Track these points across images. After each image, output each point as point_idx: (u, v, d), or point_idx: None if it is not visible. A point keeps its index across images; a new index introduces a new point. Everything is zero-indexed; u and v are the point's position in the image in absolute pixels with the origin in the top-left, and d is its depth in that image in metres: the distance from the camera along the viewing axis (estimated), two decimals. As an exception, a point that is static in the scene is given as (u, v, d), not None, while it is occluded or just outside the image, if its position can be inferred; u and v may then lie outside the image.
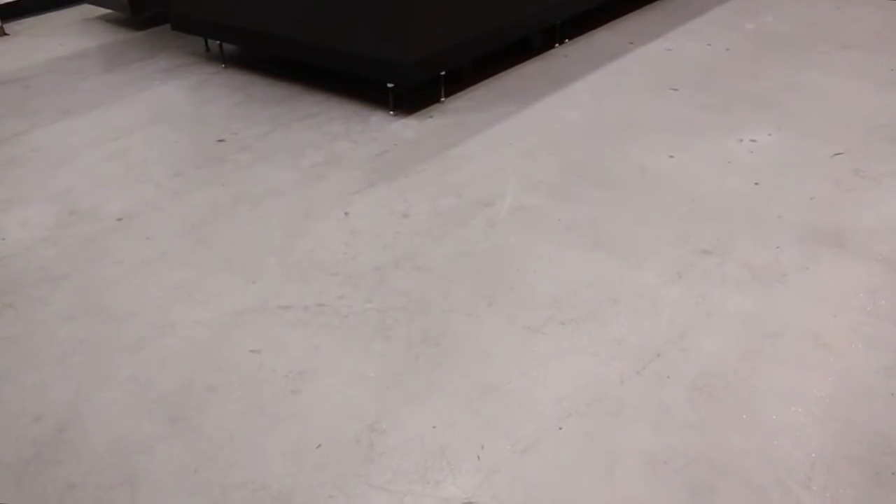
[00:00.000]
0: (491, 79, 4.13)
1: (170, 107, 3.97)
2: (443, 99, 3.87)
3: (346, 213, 2.95)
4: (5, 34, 5.18)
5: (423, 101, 3.85)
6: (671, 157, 3.34)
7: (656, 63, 4.37)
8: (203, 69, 4.41)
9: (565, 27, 4.57)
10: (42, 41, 5.05)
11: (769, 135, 3.54)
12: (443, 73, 3.80)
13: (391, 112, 3.76)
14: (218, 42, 4.43)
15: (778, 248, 2.71)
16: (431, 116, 3.73)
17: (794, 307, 2.40)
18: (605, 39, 4.71)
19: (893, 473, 1.84)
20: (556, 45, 4.53)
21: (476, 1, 3.82)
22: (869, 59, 4.45)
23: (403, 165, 3.29)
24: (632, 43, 4.63)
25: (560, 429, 1.97)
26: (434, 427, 1.98)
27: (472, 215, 2.91)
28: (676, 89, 4.02)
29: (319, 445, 1.94)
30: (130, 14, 5.09)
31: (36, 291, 2.57)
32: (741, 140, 3.49)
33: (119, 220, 2.97)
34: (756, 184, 3.12)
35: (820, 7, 5.37)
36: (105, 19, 5.38)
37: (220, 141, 3.56)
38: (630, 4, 5.18)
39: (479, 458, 1.89)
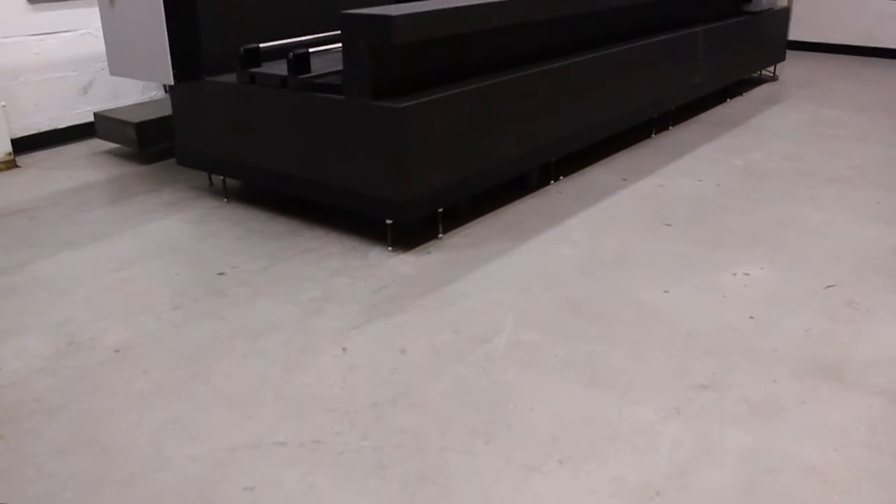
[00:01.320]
0: (488, 215, 4.22)
1: (172, 240, 4.04)
2: (441, 235, 3.95)
3: (343, 349, 2.96)
4: (17, 166, 5.32)
5: (422, 238, 3.92)
6: (666, 291, 3.38)
7: (649, 199, 4.48)
8: (206, 203, 4.51)
9: (560, 165, 4.71)
10: (52, 173, 5.19)
11: (762, 268, 3.60)
12: (440, 210, 3.89)
13: (390, 248, 3.83)
14: (221, 177, 4.54)
15: (775, 381, 2.71)
16: (429, 253, 3.79)
17: (794, 442, 2.39)
18: (598, 176, 4.84)
19: None
20: (552, 182, 4.66)
21: (473, 140, 3.97)
22: (854, 192, 4.58)
23: (401, 301, 3.32)
24: (625, 179, 4.76)
25: (560, 574, 1.91)
26: (430, 571, 1.93)
27: (470, 352, 2.92)
28: (670, 224, 4.11)
29: (312, 591, 1.88)
30: (138, 148, 5.25)
31: (28, 423, 2.54)
32: (735, 274, 3.54)
33: (117, 351, 2.97)
34: (751, 317, 3.15)
35: (805, 144, 5.57)
36: (113, 153, 5.54)
37: (220, 274, 3.61)
38: (622, 142, 5.35)
39: None
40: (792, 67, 8.05)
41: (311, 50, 3.99)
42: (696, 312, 3.20)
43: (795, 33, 8.82)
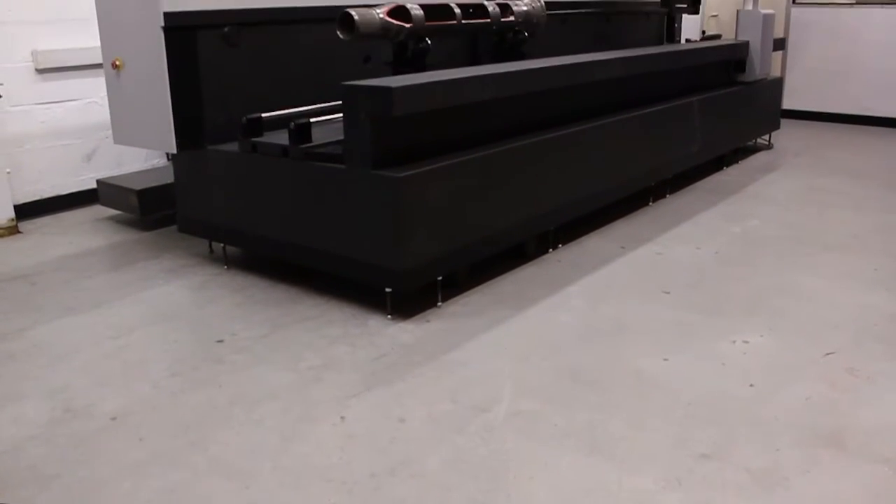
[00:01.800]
0: (487, 283, 4.24)
1: (171, 306, 4.05)
2: (440, 304, 3.95)
3: (342, 418, 2.94)
4: (19, 232, 5.36)
5: (421, 306, 3.92)
6: (665, 359, 3.38)
7: (647, 267, 4.51)
8: (206, 270, 4.53)
9: (558, 233, 4.75)
10: (53, 239, 5.22)
11: (761, 336, 3.60)
12: (439, 278, 3.90)
13: (389, 316, 3.83)
14: (221, 244, 4.57)
15: (777, 450, 2.68)
16: (429, 321, 3.80)
17: (798, 516, 2.36)
18: (597, 244, 4.87)
19: None
20: (550, 250, 4.68)
21: (472, 209, 4.01)
22: (852, 259, 4.62)
23: (400, 370, 3.31)
24: (623, 247, 4.79)
25: None
26: None
27: (469, 421, 2.90)
28: (668, 292, 4.12)
29: None
30: (140, 215, 5.30)
31: (23, 492, 2.51)
32: (734, 342, 3.54)
33: (113, 419, 2.95)
34: (751, 385, 3.14)
35: (802, 211, 5.62)
36: (115, 220, 5.58)
37: (219, 342, 3.61)
38: (620, 210, 5.40)
39: None
40: (787, 136, 8.16)
41: (312, 120, 4.06)
42: (695, 381, 3.19)
43: (789, 102, 8.97)
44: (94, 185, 5.69)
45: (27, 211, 5.62)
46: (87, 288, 4.32)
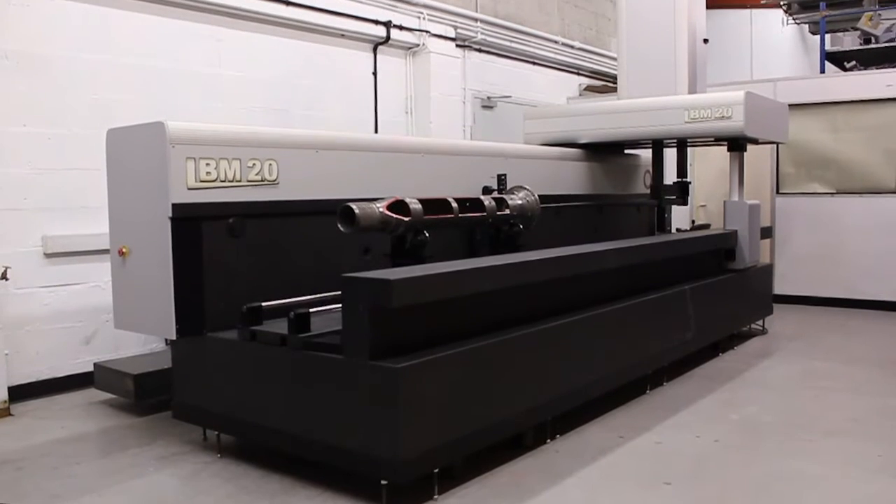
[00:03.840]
0: (484, 475, 4.15)
1: (160, 497, 3.96)
2: (436, 496, 3.86)
3: None
4: (10, 415, 5.30)
5: (418, 498, 3.83)
6: (669, 560, 3.27)
7: (647, 456, 4.44)
8: (198, 458, 4.46)
9: (556, 422, 4.71)
10: (45, 423, 5.16)
11: (766, 535, 3.51)
12: (436, 470, 3.84)
13: (384, 509, 3.74)
14: (216, 432, 4.52)
15: None
16: (425, 514, 3.71)
17: None
18: (595, 434, 4.82)
19: None
20: (548, 440, 4.62)
21: (469, 399, 4.00)
22: (854, 445, 4.56)
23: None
24: (622, 437, 4.74)
25: None
26: None
27: None
28: (669, 483, 4.05)
29: None
30: (135, 400, 5.26)
31: None
32: (738, 541, 3.45)
33: None
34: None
35: (800, 396, 5.61)
36: (109, 404, 5.54)
37: (209, 537, 3.50)
38: (617, 399, 5.37)
39: None
40: (780, 320, 8.25)
41: (311, 310, 4.13)
42: (700, 584, 3.08)
43: (781, 287, 9.12)
44: (91, 368, 5.68)
45: (22, 393, 5.60)
46: (75, 475, 4.24)
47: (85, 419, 5.24)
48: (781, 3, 13.44)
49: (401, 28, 8.74)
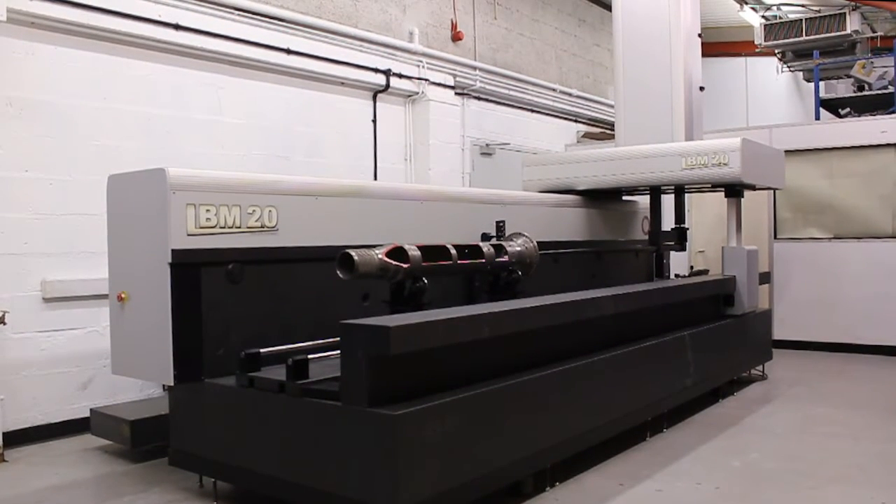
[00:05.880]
0: (483, 526, 4.12)
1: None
2: (434, 549, 3.82)
3: None
4: (4, 461, 5.26)
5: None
6: None
7: (647, 506, 4.41)
8: (194, 506, 4.42)
9: (556, 470, 4.67)
10: (39, 469, 5.12)
11: (769, 586, 3.46)
12: (434, 517, 3.81)
13: (381, 558, 3.69)
14: (212, 479, 4.48)
15: None
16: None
17: None
18: (594, 481, 4.77)
19: None
20: (548, 488, 4.58)
21: (467, 447, 3.97)
22: (857, 492, 4.53)
23: None
24: (622, 485, 4.69)
25: None
26: None
27: None
28: (669, 534, 4.01)
29: None
30: (131, 446, 5.22)
31: None
32: (741, 593, 3.40)
33: None
34: None
35: (801, 442, 5.56)
36: (105, 450, 5.49)
37: (203, 588, 3.45)
38: (617, 446, 5.33)
39: None
40: (780, 366, 8.22)
41: (310, 356, 4.12)
42: None
43: (780, 332, 9.11)
44: (87, 414, 5.64)
45: (16, 438, 5.56)
46: (69, 524, 4.20)
47: (80, 465, 5.20)
48: (776, 51, 13.63)
49: (400, 76, 8.86)
